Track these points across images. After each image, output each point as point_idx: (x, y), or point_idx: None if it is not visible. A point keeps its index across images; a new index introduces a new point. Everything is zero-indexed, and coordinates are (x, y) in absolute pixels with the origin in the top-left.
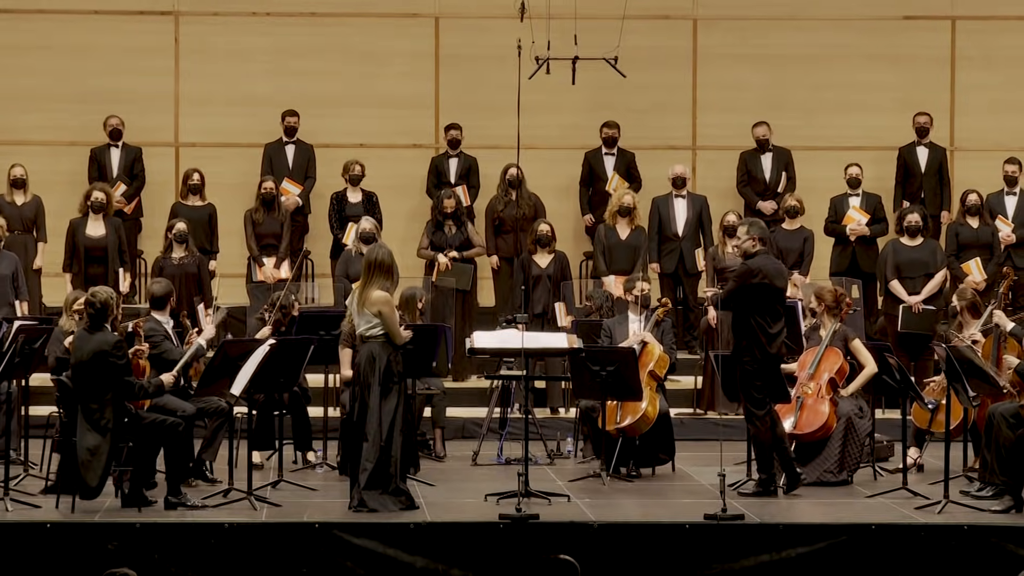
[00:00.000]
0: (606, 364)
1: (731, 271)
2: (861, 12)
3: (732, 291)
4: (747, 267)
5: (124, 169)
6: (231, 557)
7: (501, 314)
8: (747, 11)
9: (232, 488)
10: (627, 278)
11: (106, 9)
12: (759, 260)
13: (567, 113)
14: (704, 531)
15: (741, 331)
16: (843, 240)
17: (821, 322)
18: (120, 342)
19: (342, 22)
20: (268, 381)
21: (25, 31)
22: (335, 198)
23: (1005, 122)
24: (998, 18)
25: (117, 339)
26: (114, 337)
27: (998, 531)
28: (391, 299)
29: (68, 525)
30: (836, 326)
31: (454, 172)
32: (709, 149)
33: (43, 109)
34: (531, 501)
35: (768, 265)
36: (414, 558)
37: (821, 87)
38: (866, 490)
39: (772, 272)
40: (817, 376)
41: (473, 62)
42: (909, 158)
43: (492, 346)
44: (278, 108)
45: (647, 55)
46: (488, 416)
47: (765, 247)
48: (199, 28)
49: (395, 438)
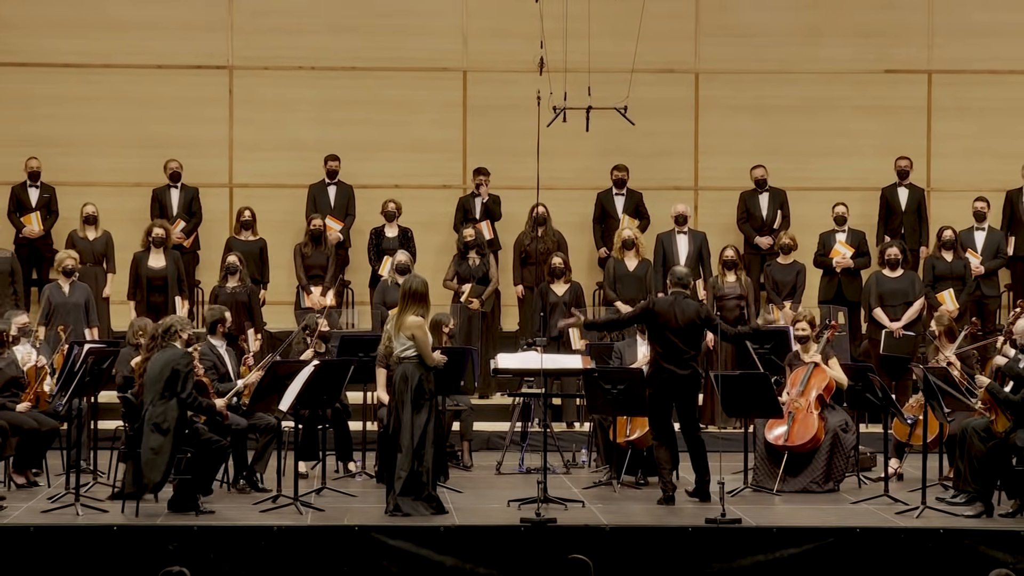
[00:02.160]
0: (617, 383)
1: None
2: (847, 67)
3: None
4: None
5: (183, 208)
6: (279, 557)
7: (522, 338)
8: (744, 65)
9: (280, 495)
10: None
11: (168, 64)
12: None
13: (581, 157)
14: (705, 534)
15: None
16: (830, 271)
17: (806, 348)
18: (187, 354)
19: (379, 75)
20: (313, 398)
21: (96, 84)
22: (373, 233)
23: (977, 166)
24: (970, 72)
25: (184, 352)
26: (181, 351)
27: (971, 534)
28: (424, 324)
29: (132, 528)
30: (822, 346)
31: (479, 210)
32: (710, 189)
33: (111, 154)
34: (549, 507)
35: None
36: (444, 558)
37: (811, 134)
38: (851, 497)
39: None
40: (807, 392)
41: (497, 111)
42: (891, 198)
43: (514, 367)
44: (321, 152)
45: (654, 105)
46: (510, 430)
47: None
48: (251, 81)
49: (427, 450)
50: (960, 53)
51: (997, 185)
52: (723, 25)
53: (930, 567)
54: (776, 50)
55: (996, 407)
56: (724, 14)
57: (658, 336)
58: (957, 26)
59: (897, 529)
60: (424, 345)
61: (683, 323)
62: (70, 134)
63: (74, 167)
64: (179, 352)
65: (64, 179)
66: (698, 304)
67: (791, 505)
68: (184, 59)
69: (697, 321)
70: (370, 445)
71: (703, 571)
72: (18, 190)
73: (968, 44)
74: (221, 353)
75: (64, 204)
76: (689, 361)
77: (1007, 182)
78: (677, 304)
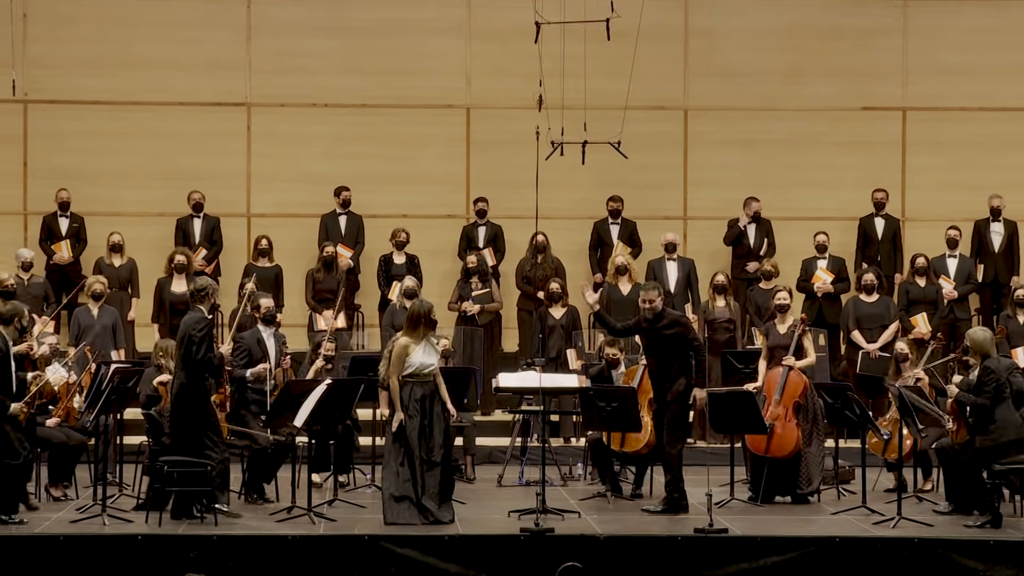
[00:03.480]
0: (611, 400)
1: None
2: (826, 104)
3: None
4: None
5: (205, 236)
6: (293, 565)
7: (522, 358)
8: (730, 103)
9: (295, 506)
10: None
11: (190, 101)
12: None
13: (578, 189)
14: (693, 543)
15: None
16: (812, 296)
17: (783, 319)
18: (203, 318)
19: (387, 112)
20: (325, 414)
21: (123, 120)
22: (382, 260)
23: (949, 197)
24: (942, 109)
25: (201, 316)
26: (199, 316)
27: (944, 543)
28: (407, 347)
29: (155, 536)
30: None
31: (482, 239)
32: (698, 219)
33: (137, 185)
34: (547, 517)
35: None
36: (448, 565)
37: (794, 167)
38: (831, 508)
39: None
40: (785, 401)
41: (498, 146)
42: (868, 227)
43: (514, 385)
44: (333, 184)
45: (646, 140)
46: (511, 444)
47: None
48: (267, 117)
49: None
50: (932, 91)
51: (967, 215)
52: (711, 65)
53: (905, 574)
54: (760, 88)
55: (960, 419)
56: (712, 55)
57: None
58: (929, 66)
59: (874, 538)
60: (391, 362)
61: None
62: (98, 167)
63: (102, 198)
64: (197, 316)
65: (92, 209)
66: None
67: (774, 516)
68: (206, 97)
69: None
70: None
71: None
72: (49, 219)
73: (940, 83)
74: (263, 338)
75: (92, 233)
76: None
77: (977, 212)
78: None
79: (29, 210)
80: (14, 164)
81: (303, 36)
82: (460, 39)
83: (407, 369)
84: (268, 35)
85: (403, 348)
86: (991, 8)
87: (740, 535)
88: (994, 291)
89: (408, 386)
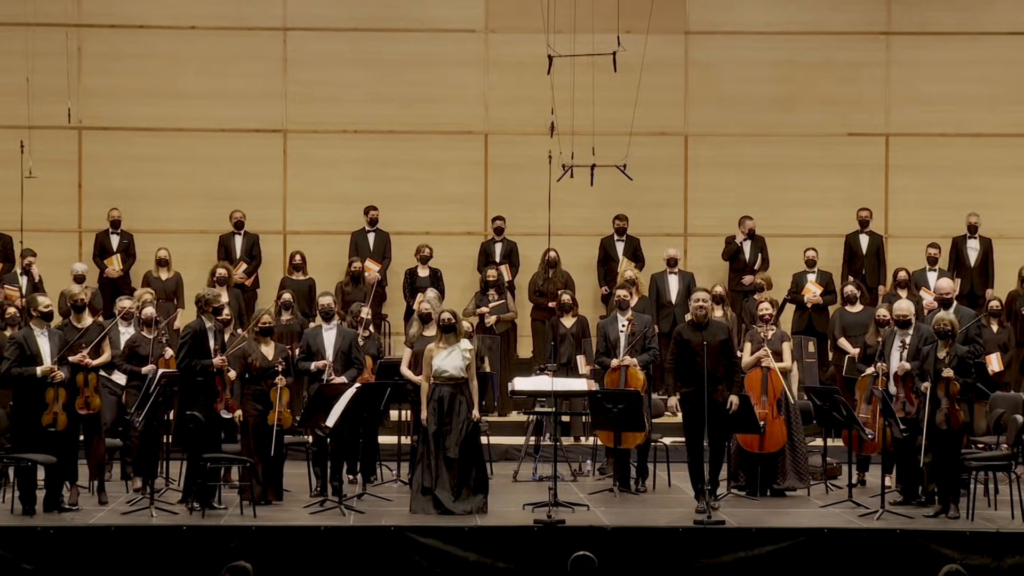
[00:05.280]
0: (617, 402)
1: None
2: (815, 130)
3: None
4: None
5: (245, 251)
6: (326, 553)
7: (535, 364)
8: (727, 129)
9: (327, 498)
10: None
11: (231, 128)
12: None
13: (587, 208)
14: (693, 533)
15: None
16: (802, 306)
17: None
18: (188, 327)
19: (412, 138)
20: (355, 416)
21: (170, 145)
22: (408, 273)
23: (928, 216)
24: (922, 135)
25: (192, 324)
26: (194, 321)
27: (923, 534)
28: (429, 350)
29: (199, 528)
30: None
31: (499, 254)
32: (698, 236)
33: (182, 205)
34: (559, 509)
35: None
36: (468, 553)
37: (785, 188)
38: (820, 501)
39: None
40: (771, 399)
41: (514, 168)
42: (853, 243)
43: (529, 388)
44: (362, 204)
45: (649, 163)
46: (525, 443)
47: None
48: (302, 142)
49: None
50: (913, 119)
51: (945, 232)
52: (709, 94)
53: (888, 563)
54: (754, 116)
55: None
56: (710, 85)
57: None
58: (910, 96)
59: (860, 530)
60: (423, 369)
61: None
62: (147, 188)
63: (150, 216)
64: (190, 324)
65: (141, 227)
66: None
67: (767, 509)
68: (245, 124)
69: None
70: (404, 457)
71: (691, 565)
72: (102, 236)
73: (920, 111)
74: (321, 333)
75: (141, 248)
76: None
77: (954, 229)
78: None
79: (83, 228)
80: (70, 186)
81: (335, 68)
82: (479, 71)
83: (432, 371)
84: (303, 67)
85: (428, 353)
86: (966, 43)
87: (736, 527)
88: (970, 302)
89: (435, 387)
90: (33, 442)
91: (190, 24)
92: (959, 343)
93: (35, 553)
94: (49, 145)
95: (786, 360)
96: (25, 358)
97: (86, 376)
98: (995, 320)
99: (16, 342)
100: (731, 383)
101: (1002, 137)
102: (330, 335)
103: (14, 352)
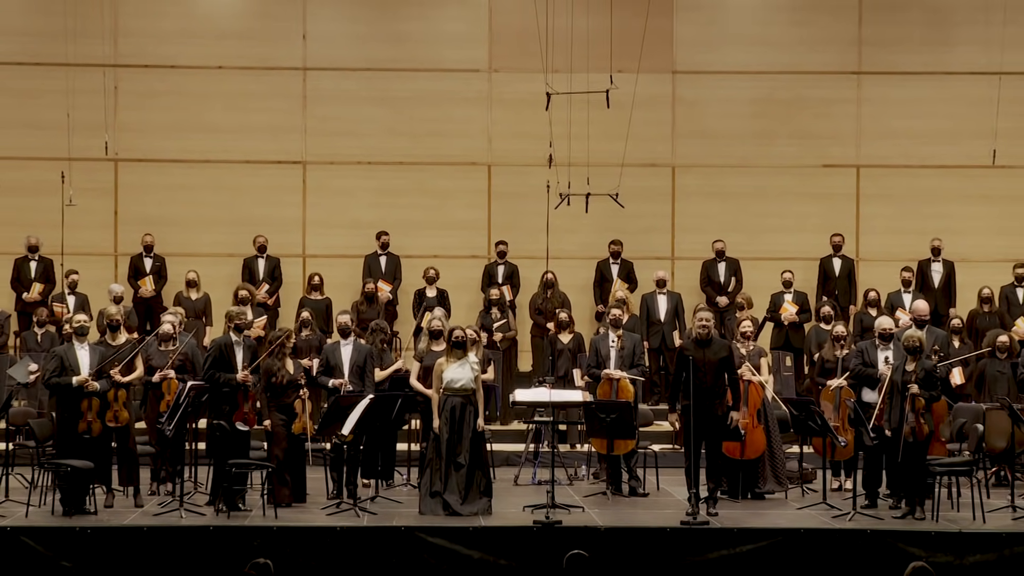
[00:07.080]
0: (610, 412)
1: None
2: (792, 162)
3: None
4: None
5: (268, 273)
6: (341, 551)
7: (535, 377)
8: (711, 160)
9: (343, 501)
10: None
11: (254, 159)
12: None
13: (583, 233)
14: (680, 533)
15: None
16: (779, 324)
17: (745, 345)
18: (214, 341)
19: (422, 169)
20: (369, 424)
21: (198, 175)
22: (417, 293)
23: (896, 241)
24: (890, 167)
25: (221, 337)
26: (219, 338)
27: (891, 534)
28: (439, 363)
29: (225, 528)
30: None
31: (501, 275)
32: (684, 259)
33: (210, 230)
34: (556, 511)
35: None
36: (472, 551)
37: (764, 215)
38: (796, 504)
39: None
40: (751, 410)
41: (515, 197)
42: (827, 266)
43: (528, 400)
44: (375, 229)
45: (639, 192)
46: (525, 450)
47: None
48: (320, 173)
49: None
50: (882, 151)
51: (912, 256)
52: (694, 129)
53: (859, 560)
54: (737, 149)
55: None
56: (695, 120)
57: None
58: (880, 130)
59: (833, 530)
60: (433, 381)
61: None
62: (177, 215)
63: (180, 241)
64: (215, 340)
65: (172, 250)
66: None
67: (748, 510)
68: (268, 156)
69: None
70: (414, 463)
71: (679, 563)
72: (136, 259)
73: (889, 144)
74: (339, 349)
75: (172, 271)
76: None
77: (920, 253)
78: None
79: (119, 252)
80: (106, 213)
81: (351, 105)
82: (483, 107)
83: (443, 383)
84: (321, 104)
85: (439, 366)
86: (932, 82)
87: (720, 527)
88: (935, 321)
89: (446, 398)
90: (72, 449)
91: (217, 64)
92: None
93: (73, 552)
94: (88, 175)
95: (763, 373)
96: (64, 370)
97: (116, 392)
98: (957, 337)
99: (56, 355)
100: (736, 397)
101: (965, 168)
102: (347, 350)
103: (54, 364)
